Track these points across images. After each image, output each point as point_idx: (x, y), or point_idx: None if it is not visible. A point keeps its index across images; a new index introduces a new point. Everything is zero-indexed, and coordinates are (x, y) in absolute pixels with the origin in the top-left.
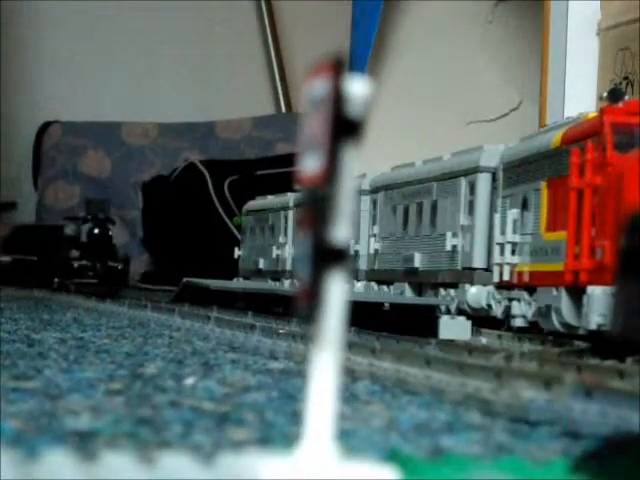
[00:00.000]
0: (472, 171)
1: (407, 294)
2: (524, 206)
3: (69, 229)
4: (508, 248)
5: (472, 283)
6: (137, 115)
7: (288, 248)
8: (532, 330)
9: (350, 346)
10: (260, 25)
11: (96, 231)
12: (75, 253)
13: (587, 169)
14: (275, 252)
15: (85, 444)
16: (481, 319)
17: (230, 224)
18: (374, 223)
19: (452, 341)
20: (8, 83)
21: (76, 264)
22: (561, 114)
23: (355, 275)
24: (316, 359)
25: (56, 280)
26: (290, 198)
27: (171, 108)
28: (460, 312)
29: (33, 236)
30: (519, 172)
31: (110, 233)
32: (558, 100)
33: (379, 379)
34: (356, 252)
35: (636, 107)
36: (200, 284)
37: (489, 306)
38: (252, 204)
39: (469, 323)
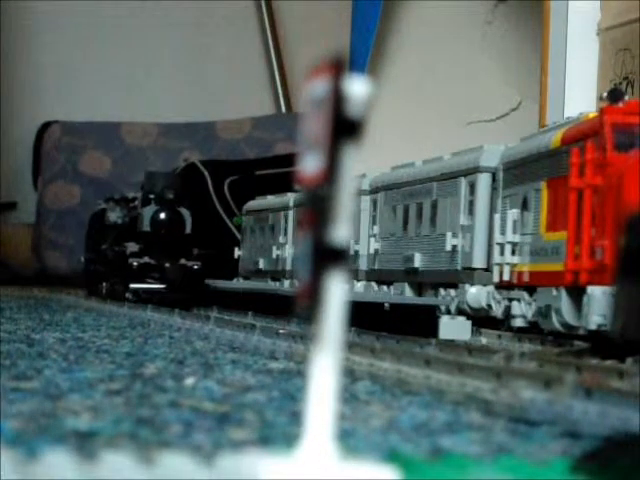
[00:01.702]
0: (472, 171)
1: (407, 294)
2: (524, 206)
3: (115, 214)
4: (508, 248)
5: (472, 283)
6: (137, 115)
7: (288, 248)
8: (532, 330)
9: (350, 346)
10: (260, 25)
11: (163, 216)
12: (133, 247)
13: (587, 169)
14: (275, 252)
15: (85, 444)
16: (481, 319)
17: (230, 224)
18: (374, 223)
19: (452, 341)
20: (8, 83)
21: (135, 263)
22: (561, 114)
23: (355, 275)
24: (316, 359)
25: (104, 285)
26: (290, 198)
27: (171, 108)
28: (460, 312)
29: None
30: (519, 172)
31: (184, 219)
32: (558, 100)
33: (379, 379)
34: (356, 252)
35: (636, 107)
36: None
37: (489, 306)
38: (252, 204)
39: (469, 323)
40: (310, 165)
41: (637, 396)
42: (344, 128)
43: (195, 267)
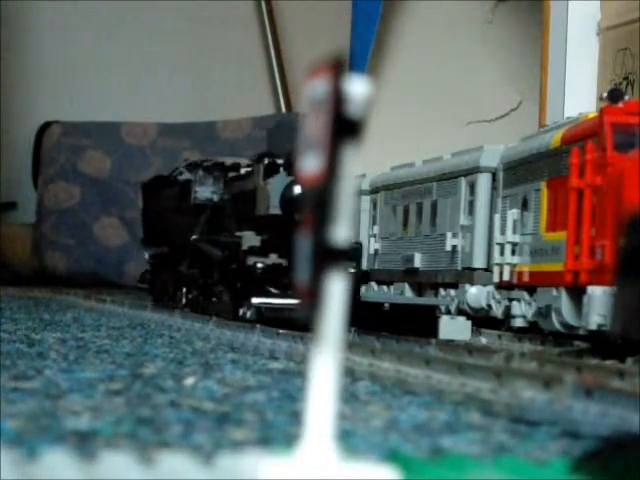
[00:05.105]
0: (472, 171)
1: (407, 294)
2: (524, 206)
3: (208, 189)
4: (508, 248)
5: (472, 283)
6: (137, 115)
7: None
8: (532, 330)
9: (350, 346)
10: (260, 25)
11: (300, 192)
12: (251, 240)
13: (587, 169)
14: None
15: (85, 444)
16: (481, 319)
17: None
18: (374, 223)
19: (452, 341)
20: (8, 83)
21: (260, 264)
22: (561, 114)
23: None
24: (316, 359)
25: (185, 292)
26: None
27: (171, 108)
28: (460, 312)
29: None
30: (519, 172)
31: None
32: (558, 100)
33: (379, 379)
34: None
35: (636, 107)
36: None
37: (489, 306)
38: None
39: (469, 323)
40: (310, 165)
41: (637, 396)
42: (344, 128)
43: (350, 271)
